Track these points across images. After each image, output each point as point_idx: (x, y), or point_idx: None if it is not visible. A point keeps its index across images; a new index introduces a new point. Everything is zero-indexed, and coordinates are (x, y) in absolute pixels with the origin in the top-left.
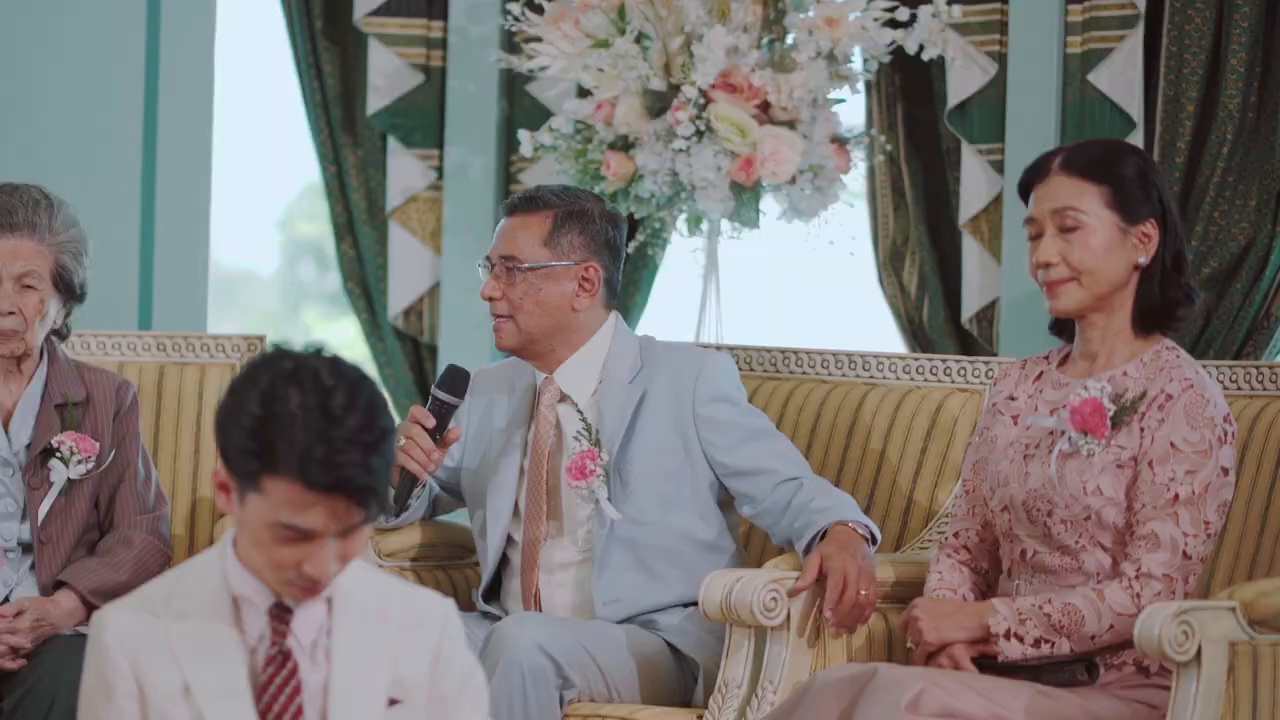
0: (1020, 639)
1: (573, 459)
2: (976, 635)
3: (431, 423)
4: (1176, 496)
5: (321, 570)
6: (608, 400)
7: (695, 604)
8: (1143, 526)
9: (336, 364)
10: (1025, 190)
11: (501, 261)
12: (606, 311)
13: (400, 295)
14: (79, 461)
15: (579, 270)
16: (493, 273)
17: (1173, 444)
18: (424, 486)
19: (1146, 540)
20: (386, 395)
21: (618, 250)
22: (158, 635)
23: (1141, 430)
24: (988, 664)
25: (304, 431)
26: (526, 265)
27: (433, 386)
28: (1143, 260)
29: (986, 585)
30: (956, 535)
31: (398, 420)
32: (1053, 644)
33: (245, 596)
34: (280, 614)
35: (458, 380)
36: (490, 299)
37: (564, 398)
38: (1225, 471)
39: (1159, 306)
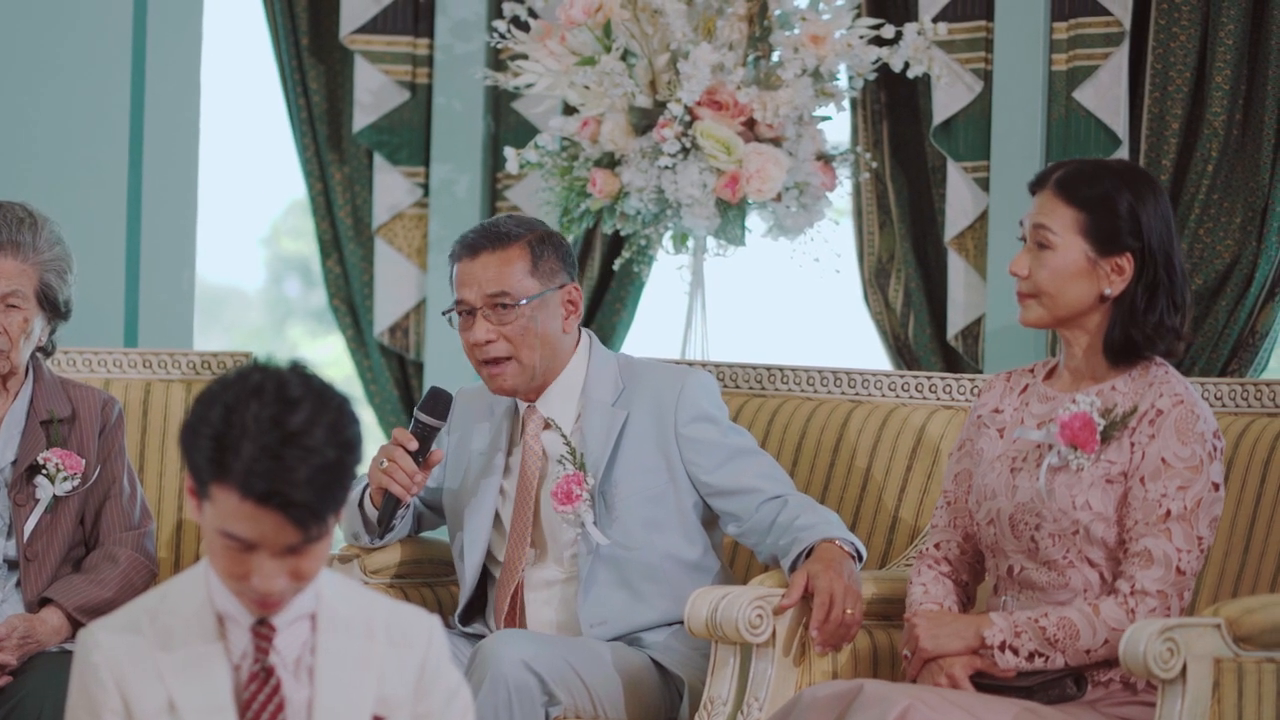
0: (1015, 651)
1: (558, 484)
2: (973, 645)
3: (414, 445)
4: (1169, 513)
5: (268, 585)
6: (591, 424)
7: (681, 623)
8: (1136, 543)
9: (309, 381)
10: (1032, 192)
11: (490, 300)
12: (579, 332)
13: (386, 312)
14: (65, 478)
15: (563, 294)
16: (478, 315)
17: (1164, 459)
18: (407, 507)
19: (1140, 557)
20: (371, 412)
21: (576, 266)
22: (143, 653)
23: (1132, 445)
24: (981, 683)
25: (252, 443)
26: (525, 300)
27: (415, 409)
28: (1109, 292)
29: (967, 597)
30: (938, 546)
31: (382, 440)
32: (1047, 657)
33: (229, 613)
34: (263, 631)
35: (440, 402)
36: (488, 341)
37: (548, 424)
38: (1216, 486)
39: (1119, 341)
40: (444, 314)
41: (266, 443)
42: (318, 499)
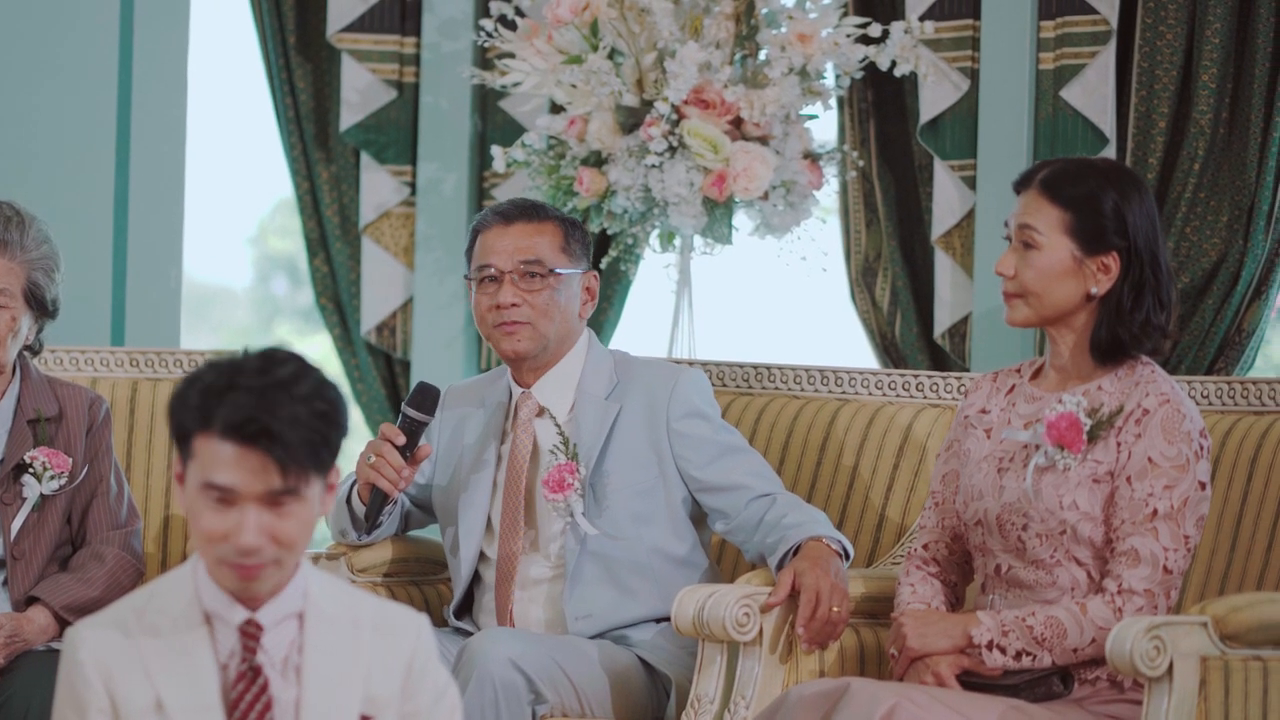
0: (1002, 650)
1: (550, 472)
2: (960, 644)
3: (402, 440)
4: (1155, 512)
5: (249, 539)
6: (584, 416)
7: (668, 619)
8: (1122, 543)
9: (295, 353)
10: (1017, 192)
11: (522, 266)
12: (584, 325)
13: (373, 311)
14: (52, 477)
15: (585, 279)
16: (508, 280)
17: (1150, 459)
18: (395, 503)
19: (1127, 556)
20: (359, 410)
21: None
22: (130, 651)
23: (1118, 445)
24: (967, 682)
25: (239, 391)
26: (557, 270)
27: (403, 404)
28: (1095, 291)
29: (956, 598)
30: (926, 547)
31: (370, 439)
32: (1034, 656)
33: (217, 613)
34: (251, 630)
35: (428, 397)
36: (513, 304)
37: (541, 411)
38: (1202, 486)
39: (1106, 341)
40: (466, 278)
41: (253, 386)
42: (300, 439)
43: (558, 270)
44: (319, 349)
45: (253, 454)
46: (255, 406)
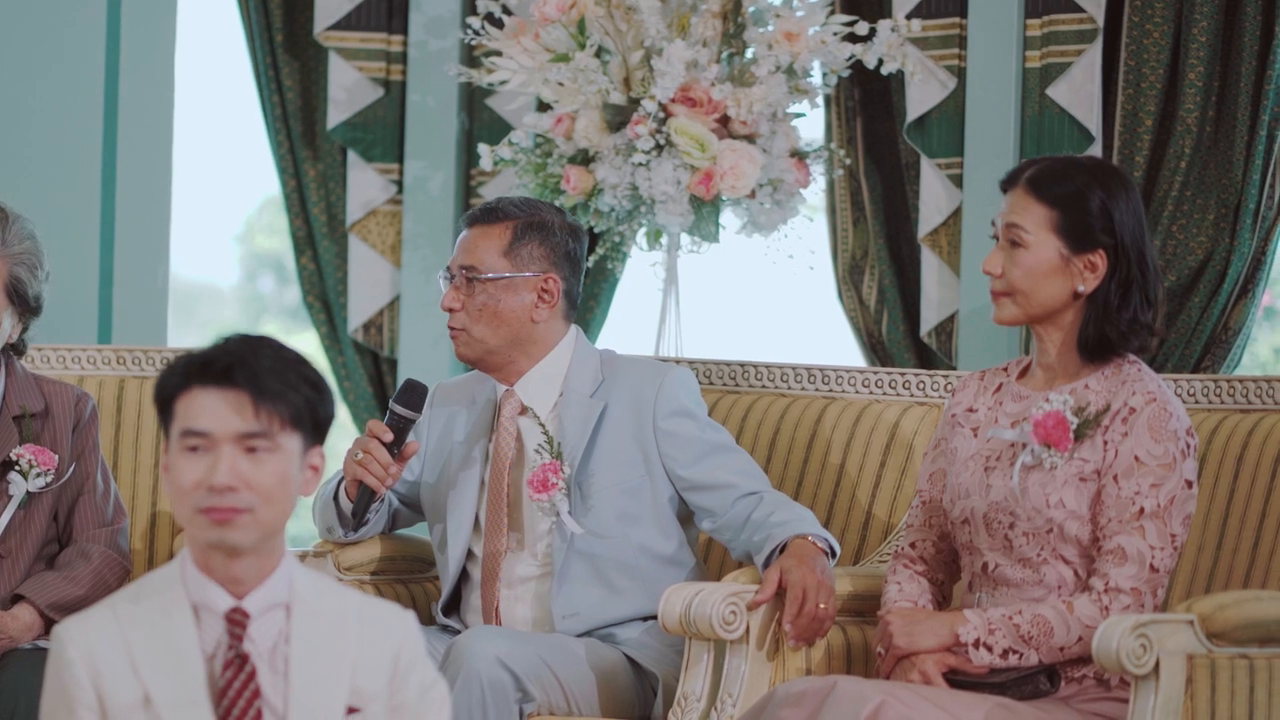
0: (989, 648)
1: (534, 472)
2: (946, 642)
3: (389, 437)
4: (1142, 510)
5: (221, 477)
6: (569, 413)
7: (654, 617)
8: (1109, 541)
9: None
10: (1003, 190)
11: (461, 272)
12: (566, 324)
13: (360, 309)
14: (38, 474)
15: (538, 281)
16: (453, 283)
17: (1136, 457)
18: (382, 501)
19: (1113, 554)
20: (346, 409)
21: (578, 262)
22: (117, 647)
23: (1105, 443)
24: (954, 680)
25: (229, 344)
26: (486, 275)
27: (390, 400)
28: (1082, 289)
29: (943, 596)
30: (913, 546)
31: (355, 436)
32: (1021, 654)
33: (203, 603)
34: (237, 617)
35: (415, 394)
36: (450, 309)
37: (524, 410)
38: (1189, 484)
39: (1093, 339)
40: (440, 276)
41: (239, 339)
42: (278, 385)
43: (486, 275)
44: (306, 347)
45: (229, 393)
46: (236, 354)
